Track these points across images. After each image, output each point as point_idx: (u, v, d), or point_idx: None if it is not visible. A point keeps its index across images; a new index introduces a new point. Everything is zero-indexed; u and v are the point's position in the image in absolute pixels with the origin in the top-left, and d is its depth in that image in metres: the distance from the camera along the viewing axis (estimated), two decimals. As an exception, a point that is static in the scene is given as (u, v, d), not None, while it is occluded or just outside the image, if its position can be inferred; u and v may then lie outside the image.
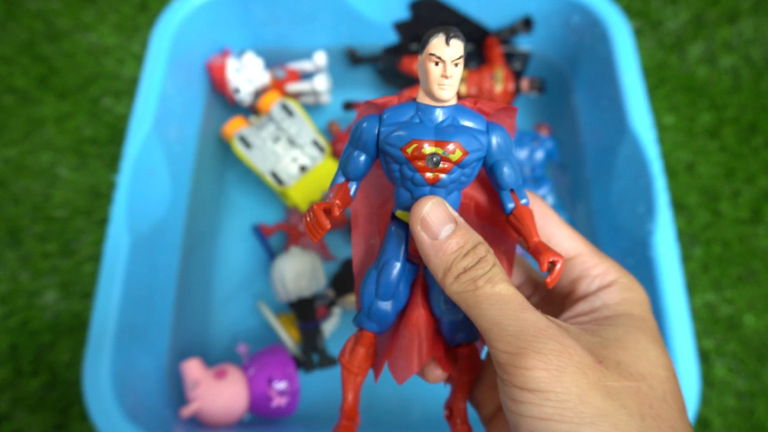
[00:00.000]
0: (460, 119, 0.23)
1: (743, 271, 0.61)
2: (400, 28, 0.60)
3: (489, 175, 0.24)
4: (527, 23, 0.60)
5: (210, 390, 0.46)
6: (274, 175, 0.56)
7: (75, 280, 0.60)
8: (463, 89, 0.58)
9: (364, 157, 0.23)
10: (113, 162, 0.65)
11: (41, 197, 0.64)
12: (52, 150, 0.66)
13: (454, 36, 0.21)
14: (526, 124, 0.65)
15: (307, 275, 0.51)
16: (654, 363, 0.21)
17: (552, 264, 0.22)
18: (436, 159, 0.22)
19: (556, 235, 0.26)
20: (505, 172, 0.23)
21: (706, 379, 0.57)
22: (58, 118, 0.68)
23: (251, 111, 0.64)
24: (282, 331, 0.52)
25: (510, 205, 0.24)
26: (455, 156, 0.22)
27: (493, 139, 0.23)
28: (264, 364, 0.49)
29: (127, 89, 0.69)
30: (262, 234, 0.59)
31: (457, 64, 0.22)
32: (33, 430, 0.54)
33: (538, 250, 0.22)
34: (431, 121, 0.22)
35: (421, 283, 0.25)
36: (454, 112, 0.23)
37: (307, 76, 0.64)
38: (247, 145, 0.57)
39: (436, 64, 0.21)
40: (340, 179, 0.24)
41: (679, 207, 0.63)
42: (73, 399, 0.55)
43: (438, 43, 0.21)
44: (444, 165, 0.22)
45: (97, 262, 0.60)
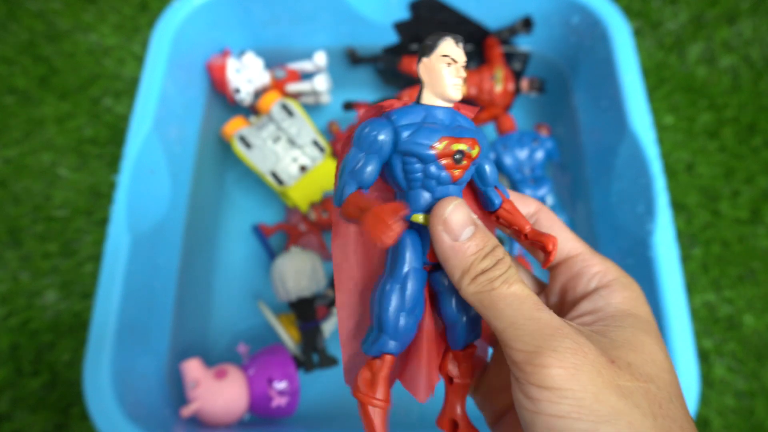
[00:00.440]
0: (460, 120, 0.23)
1: (743, 271, 0.61)
2: (400, 28, 0.60)
3: (473, 174, 0.24)
4: (527, 23, 0.60)
5: (210, 390, 0.47)
6: (274, 175, 0.56)
7: (75, 280, 0.60)
8: (463, 90, 0.58)
9: (377, 161, 0.22)
10: (113, 162, 0.65)
11: (42, 197, 0.64)
12: (52, 150, 0.66)
13: (460, 41, 0.23)
14: (526, 124, 0.65)
15: (307, 275, 0.51)
16: (659, 366, 0.22)
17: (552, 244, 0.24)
18: (459, 156, 0.22)
19: (560, 237, 0.26)
20: (489, 170, 0.24)
21: (706, 378, 0.57)
22: (58, 119, 0.68)
23: (251, 111, 0.64)
24: (282, 331, 0.52)
25: (497, 201, 0.25)
26: (475, 152, 0.23)
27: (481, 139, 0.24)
28: (264, 364, 0.49)
29: (128, 89, 0.69)
30: (262, 234, 0.59)
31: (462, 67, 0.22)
32: (33, 429, 0.54)
33: (536, 235, 0.24)
34: (441, 122, 0.23)
35: (428, 290, 0.25)
36: (454, 113, 0.23)
37: (307, 76, 0.64)
38: (247, 145, 0.57)
39: (449, 65, 0.22)
40: (353, 188, 0.22)
41: (678, 207, 0.64)
42: (74, 399, 0.55)
43: (450, 45, 0.22)
44: (464, 162, 0.22)
45: (97, 262, 0.60)
